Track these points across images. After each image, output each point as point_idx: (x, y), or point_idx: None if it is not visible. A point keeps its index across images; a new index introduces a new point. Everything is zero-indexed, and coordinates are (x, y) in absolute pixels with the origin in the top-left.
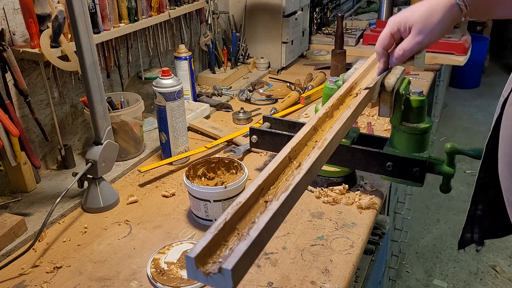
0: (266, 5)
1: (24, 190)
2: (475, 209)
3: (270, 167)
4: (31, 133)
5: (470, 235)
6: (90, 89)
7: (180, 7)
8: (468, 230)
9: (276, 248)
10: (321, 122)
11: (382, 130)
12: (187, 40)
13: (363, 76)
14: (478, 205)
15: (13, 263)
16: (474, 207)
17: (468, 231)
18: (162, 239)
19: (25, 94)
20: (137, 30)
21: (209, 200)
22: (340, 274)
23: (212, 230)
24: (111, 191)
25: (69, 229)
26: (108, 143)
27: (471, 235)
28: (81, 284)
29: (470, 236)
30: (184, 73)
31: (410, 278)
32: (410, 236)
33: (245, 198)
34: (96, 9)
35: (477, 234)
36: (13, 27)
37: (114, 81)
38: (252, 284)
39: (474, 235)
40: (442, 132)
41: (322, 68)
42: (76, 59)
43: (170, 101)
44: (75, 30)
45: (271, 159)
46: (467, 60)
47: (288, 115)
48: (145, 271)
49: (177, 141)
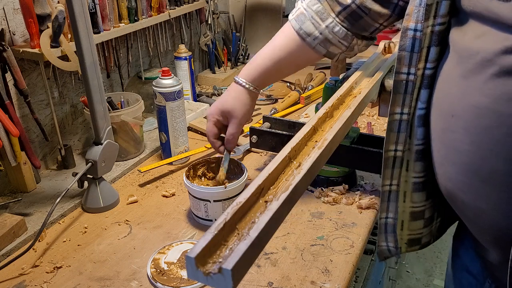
0: (266, 5)
1: (24, 190)
2: (386, 217)
3: (270, 167)
4: (31, 133)
5: (386, 245)
6: (90, 89)
7: (180, 7)
8: (382, 239)
9: (276, 248)
10: (321, 122)
11: (382, 130)
12: (187, 40)
13: (363, 76)
14: (388, 213)
15: (13, 263)
16: (384, 215)
17: (383, 240)
18: (162, 239)
19: (25, 94)
20: (137, 30)
21: (209, 200)
22: (340, 274)
23: (212, 230)
24: (111, 191)
25: (69, 229)
26: (108, 143)
27: (387, 245)
28: (81, 284)
29: (386, 246)
30: (184, 73)
31: (410, 278)
32: None
33: (245, 198)
34: (96, 9)
35: (392, 243)
36: (13, 27)
37: (114, 81)
38: (252, 284)
39: (389, 243)
40: None
41: (322, 68)
42: (76, 59)
43: (170, 101)
44: (75, 30)
45: (271, 159)
46: None
47: (288, 115)
48: (145, 271)
49: (177, 141)
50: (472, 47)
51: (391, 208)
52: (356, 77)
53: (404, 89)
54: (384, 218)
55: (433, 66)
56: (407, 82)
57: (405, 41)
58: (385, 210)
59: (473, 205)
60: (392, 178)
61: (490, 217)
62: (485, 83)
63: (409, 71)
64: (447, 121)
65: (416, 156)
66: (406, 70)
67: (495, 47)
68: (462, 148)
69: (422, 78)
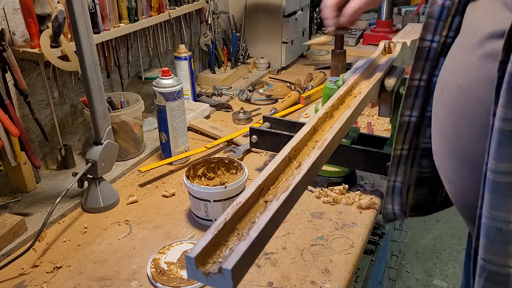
0: (266, 5)
1: (24, 190)
2: (394, 180)
3: (270, 167)
4: (31, 133)
5: (391, 208)
6: (90, 89)
7: (180, 7)
8: (389, 201)
9: (276, 248)
10: (321, 122)
11: (382, 130)
12: (187, 40)
13: (363, 76)
14: (397, 176)
15: (13, 263)
16: (393, 178)
17: (389, 202)
18: (162, 239)
19: (25, 94)
20: (137, 30)
21: (209, 200)
22: (340, 274)
23: (212, 230)
24: (111, 191)
25: (69, 229)
26: (108, 143)
27: (392, 208)
28: (81, 284)
29: (391, 209)
30: (184, 73)
31: (410, 278)
32: (410, 236)
33: (245, 198)
34: (96, 9)
35: (398, 206)
36: (13, 27)
37: (114, 81)
38: (252, 284)
39: (395, 206)
40: None
41: (322, 68)
42: (76, 59)
43: (170, 101)
44: (75, 30)
45: (271, 159)
46: None
47: (288, 115)
48: (145, 271)
49: (177, 141)
50: (475, 25)
51: (400, 171)
52: (356, 77)
53: (426, 56)
54: (393, 181)
55: (454, 35)
56: (429, 49)
57: (433, 8)
58: (394, 173)
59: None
60: (404, 143)
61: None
62: (472, 64)
63: (433, 38)
64: (438, 94)
65: (427, 122)
66: (430, 37)
67: (493, 28)
68: (444, 125)
69: (442, 46)
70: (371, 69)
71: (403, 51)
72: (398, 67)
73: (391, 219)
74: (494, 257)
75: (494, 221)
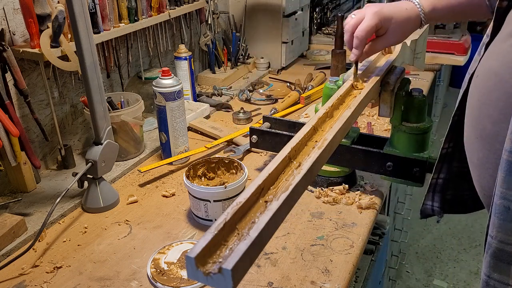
0: (266, 5)
1: (24, 190)
2: (437, 177)
3: (270, 167)
4: (31, 133)
5: (431, 204)
6: (90, 89)
7: (180, 7)
8: (429, 198)
9: (276, 248)
10: (321, 122)
11: (382, 130)
12: (187, 40)
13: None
14: (440, 173)
15: (13, 263)
16: (436, 175)
17: (429, 199)
18: (162, 239)
19: (25, 94)
20: (137, 30)
21: (209, 200)
22: (340, 274)
23: (212, 230)
24: (111, 191)
25: (69, 229)
26: (108, 143)
27: (432, 204)
28: (81, 284)
29: (431, 205)
30: (184, 73)
31: (410, 278)
32: (410, 236)
33: (245, 198)
34: (96, 9)
35: (437, 203)
36: (13, 27)
37: (114, 81)
38: (252, 284)
39: (435, 203)
40: (442, 132)
41: (322, 68)
42: (76, 59)
43: (170, 101)
44: (75, 30)
45: (271, 159)
46: (467, 60)
47: (288, 115)
48: (145, 271)
49: (177, 141)
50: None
51: (444, 169)
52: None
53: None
54: (436, 178)
55: None
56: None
57: None
58: (438, 171)
59: (472, 165)
60: (451, 141)
61: (483, 181)
62: (502, 50)
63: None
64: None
65: None
66: None
67: None
68: (471, 110)
69: None
70: (371, 69)
71: (403, 51)
72: (398, 67)
73: (429, 214)
74: (500, 235)
75: (504, 199)
